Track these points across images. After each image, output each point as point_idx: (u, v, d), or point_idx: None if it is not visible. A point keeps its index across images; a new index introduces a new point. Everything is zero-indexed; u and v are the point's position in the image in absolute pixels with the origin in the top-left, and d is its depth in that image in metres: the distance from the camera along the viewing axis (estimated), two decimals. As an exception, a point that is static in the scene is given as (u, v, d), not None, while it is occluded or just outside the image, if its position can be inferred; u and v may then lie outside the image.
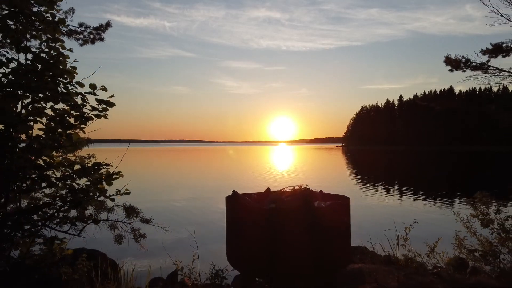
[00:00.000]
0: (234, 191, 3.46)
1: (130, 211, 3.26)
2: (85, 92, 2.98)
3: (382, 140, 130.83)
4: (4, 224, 2.72)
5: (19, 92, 2.66)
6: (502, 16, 4.57)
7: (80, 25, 5.28)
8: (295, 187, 3.52)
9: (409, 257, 3.77)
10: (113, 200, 3.07)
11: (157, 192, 15.58)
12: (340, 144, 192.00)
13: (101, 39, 5.38)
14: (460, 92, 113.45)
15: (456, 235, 3.85)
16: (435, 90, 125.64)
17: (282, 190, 3.52)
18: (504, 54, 5.15)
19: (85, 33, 5.29)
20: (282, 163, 41.41)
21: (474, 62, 5.16)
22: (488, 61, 5.15)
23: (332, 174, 26.94)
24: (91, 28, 5.33)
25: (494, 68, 5.05)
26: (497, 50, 5.14)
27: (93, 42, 5.31)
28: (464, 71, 5.30)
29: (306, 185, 3.54)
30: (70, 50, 2.96)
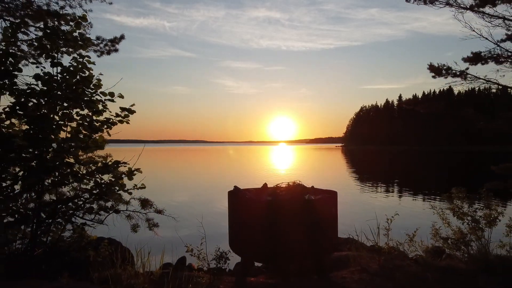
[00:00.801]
0: (235, 186, 3.92)
1: (145, 203, 3.74)
2: (105, 99, 3.46)
3: (382, 140, 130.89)
4: (39, 213, 3.20)
5: (53, 101, 3.14)
6: (473, 31, 5.07)
7: (97, 38, 5.79)
8: (289, 183, 3.99)
9: (391, 246, 4.23)
10: (130, 193, 3.57)
11: (162, 189, 16.07)
12: (340, 144, 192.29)
13: (116, 50, 5.88)
14: (459, 92, 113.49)
15: (433, 226, 4.31)
16: (434, 90, 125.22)
17: (278, 185, 3.97)
18: (483, 62, 5.63)
19: (101, 45, 5.80)
20: (281, 163, 41.88)
21: (454, 70, 5.65)
22: (467, 68, 5.65)
23: (328, 173, 27.46)
24: (107, 40, 5.83)
25: (472, 76, 5.54)
26: (476, 58, 5.62)
27: (108, 53, 5.83)
28: (446, 77, 5.78)
29: (299, 181, 4.01)
30: (93, 63, 3.44)
